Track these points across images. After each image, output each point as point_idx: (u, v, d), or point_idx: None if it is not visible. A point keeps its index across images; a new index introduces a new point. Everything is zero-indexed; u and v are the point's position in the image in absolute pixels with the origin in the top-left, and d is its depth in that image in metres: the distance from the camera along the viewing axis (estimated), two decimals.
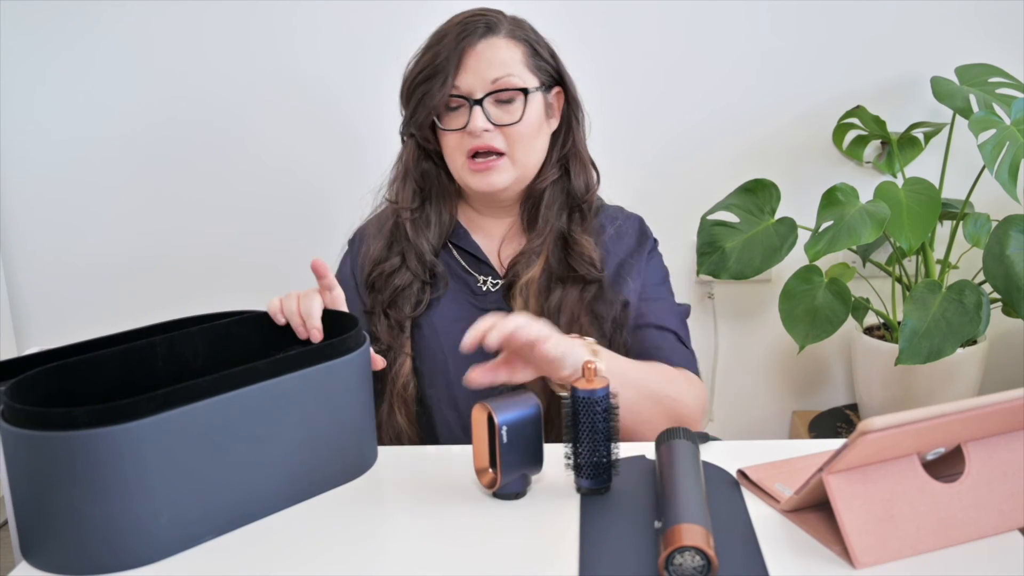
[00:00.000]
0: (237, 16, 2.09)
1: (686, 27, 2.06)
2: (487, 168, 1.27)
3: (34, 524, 0.85)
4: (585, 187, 1.34)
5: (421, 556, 0.87)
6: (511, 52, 1.27)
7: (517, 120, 1.26)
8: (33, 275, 2.26)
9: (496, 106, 1.26)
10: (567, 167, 1.34)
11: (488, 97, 1.25)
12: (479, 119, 1.24)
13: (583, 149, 1.35)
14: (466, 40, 1.25)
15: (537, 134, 1.29)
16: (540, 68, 1.30)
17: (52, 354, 0.96)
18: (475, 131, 1.24)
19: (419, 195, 1.34)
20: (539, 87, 1.29)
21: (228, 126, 2.15)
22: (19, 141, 2.19)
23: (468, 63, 1.25)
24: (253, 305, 1.12)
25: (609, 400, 0.93)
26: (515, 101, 1.26)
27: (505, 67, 1.25)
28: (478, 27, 1.26)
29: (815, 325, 1.84)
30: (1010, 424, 0.85)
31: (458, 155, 1.28)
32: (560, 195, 1.33)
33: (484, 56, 1.25)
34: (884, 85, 2.06)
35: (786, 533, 0.86)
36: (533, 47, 1.30)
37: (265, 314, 1.07)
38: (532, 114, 1.27)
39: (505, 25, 1.28)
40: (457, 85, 1.25)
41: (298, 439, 0.95)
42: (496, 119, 1.25)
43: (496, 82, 1.25)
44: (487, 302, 1.32)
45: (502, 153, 1.27)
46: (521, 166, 1.29)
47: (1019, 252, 1.69)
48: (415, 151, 1.33)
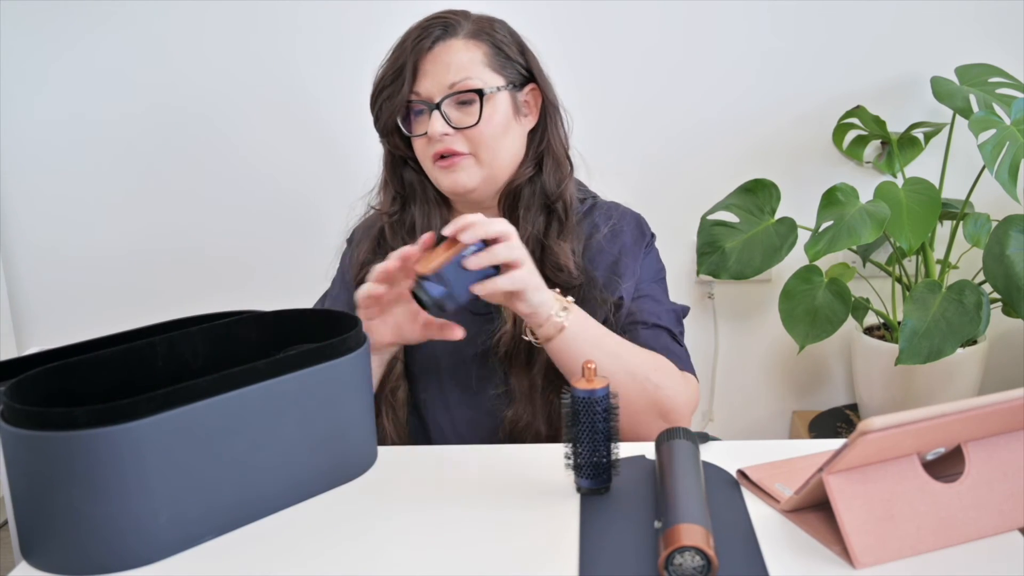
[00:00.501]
0: (237, 16, 2.09)
1: (686, 27, 2.06)
2: (451, 167, 1.26)
3: (34, 524, 0.85)
4: (556, 183, 1.31)
5: (421, 556, 0.87)
6: (469, 53, 1.26)
7: (475, 122, 1.25)
8: (33, 275, 2.26)
9: (456, 108, 1.25)
10: (541, 164, 1.33)
11: (446, 100, 1.24)
12: (437, 123, 1.24)
13: (557, 145, 1.33)
14: (422, 44, 1.25)
15: (504, 134, 1.28)
16: (506, 66, 1.28)
17: (52, 354, 0.96)
18: (434, 135, 1.24)
19: (399, 199, 1.34)
20: (504, 86, 1.27)
21: (227, 126, 2.16)
22: (19, 139, 2.19)
23: (425, 68, 1.25)
24: (251, 304, 1.12)
25: (609, 400, 0.93)
26: (474, 103, 1.25)
27: (462, 69, 1.24)
28: (434, 31, 1.25)
29: (815, 325, 1.84)
30: (1010, 424, 0.85)
31: (427, 159, 1.28)
32: (538, 194, 1.31)
33: (441, 60, 1.24)
34: (884, 85, 2.06)
35: (786, 533, 0.86)
36: (497, 46, 1.28)
37: (265, 314, 1.07)
38: (494, 114, 1.26)
39: (465, 26, 1.27)
40: (416, 91, 1.25)
41: (298, 439, 0.95)
42: (456, 122, 1.25)
43: (453, 85, 1.24)
44: (478, 306, 1.29)
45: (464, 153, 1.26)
46: (488, 166, 1.27)
47: (1019, 252, 1.69)
48: (389, 157, 1.34)
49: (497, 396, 1.28)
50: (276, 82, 2.12)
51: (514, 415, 1.26)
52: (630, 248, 1.34)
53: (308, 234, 2.17)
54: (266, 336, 1.06)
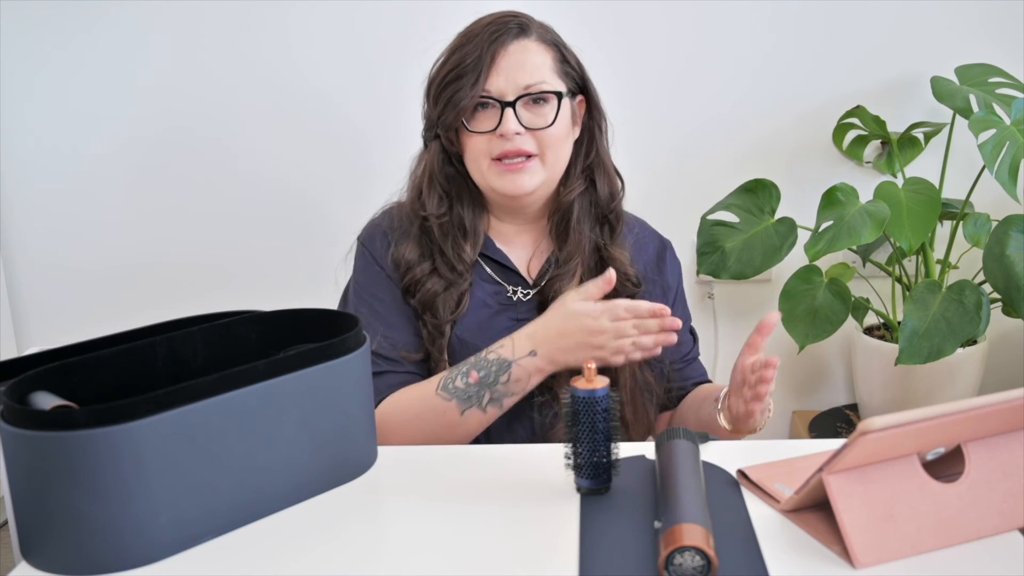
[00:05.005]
0: (235, 20, 2.09)
1: (686, 28, 2.06)
2: (518, 169, 1.24)
3: (34, 524, 0.85)
4: (610, 195, 1.32)
5: (421, 556, 0.87)
6: (542, 56, 1.25)
7: (550, 123, 1.24)
8: (33, 276, 2.26)
9: (528, 109, 1.24)
10: (592, 177, 1.32)
11: (520, 100, 1.23)
12: (511, 122, 1.22)
13: (607, 158, 1.34)
14: (499, 40, 1.23)
15: (566, 139, 1.28)
16: (567, 75, 1.28)
17: (52, 354, 0.96)
18: (507, 133, 1.22)
19: (446, 200, 1.30)
20: (567, 93, 1.27)
21: (226, 131, 2.16)
22: (18, 144, 2.19)
23: (500, 64, 1.23)
24: (252, 305, 1.12)
25: (609, 400, 0.93)
26: (548, 104, 1.24)
27: (537, 70, 1.24)
28: (511, 28, 1.24)
29: (815, 325, 1.84)
30: (1010, 424, 0.85)
31: (483, 158, 1.25)
32: (589, 207, 1.32)
33: (516, 58, 1.23)
34: (884, 85, 2.06)
35: (786, 533, 0.86)
36: (562, 52, 1.28)
37: (265, 314, 1.07)
38: (563, 118, 1.26)
39: (536, 28, 1.27)
40: (488, 87, 1.23)
41: (298, 439, 0.95)
42: (528, 122, 1.23)
43: (529, 87, 1.23)
44: (520, 312, 1.30)
45: (533, 155, 1.24)
46: (551, 169, 1.27)
47: (1019, 252, 1.69)
48: (439, 154, 1.29)
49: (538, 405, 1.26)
50: (279, 84, 2.12)
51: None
52: (654, 264, 1.37)
53: (310, 237, 2.17)
54: (266, 336, 1.06)
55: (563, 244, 1.31)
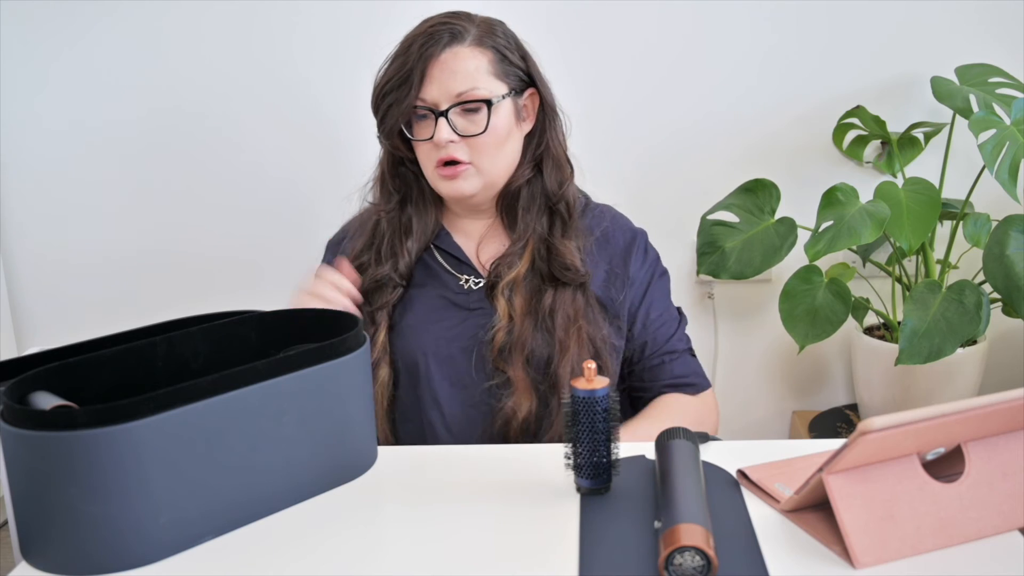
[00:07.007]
0: (236, 18, 2.09)
1: (686, 26, 2.06)
2: (454, 175, 1.28)
3: (34, 524, 0.85)
4: (558, 184, 1.34)
5: (421, 556, 0.87)
6: (476, 61, 1.26)
7: (482, 131, 1.26)
8: (33, 275, 2.26)
9: (462, 116, 1.26)
10: (540, 166, 1.34)
11: (453, 108, 1.25)
12: (444, 131, 1.25)
13: (557, 148, 1.35)
14: (430, 50, 1.25)
15: (505, 141, 1.29)
16: (509, 73, 1.29)
17: (52, 354, 0.96)
18: (440, 142, 1.26)
19: (396, 197, 1.36)
20: (507, 93, 1.28)
21: (228, 126, 2.16)
22: (19, 140, 2.19)
23: (432, 74, 1.25)
24: (250, 304, 1.12)
25: (609, 400, 0.93)
26: (480, 111, 1.26)
27: (470, 78, 1.25)
28: (442, 36, 1.26)
29: (815, 325, 1.84)
30: (1010, 424, 0.85)
31: (429, 164, 1.30)
32: (537, 195, 1.34)
33: (448, 67, 1.25)
34: (884, 85, 2.06)
35: (786, 533, 0.86)
36: (501, 52, 1.29)
37: (265, 314, 1.07)
38: (499, 123, 1.27)
39: (471, 32, 1.27)
40: (423, 96, 1.26)
41: (298, 439, 0.95)
42: (462, 130, 1.26)
43: (460, 95, 1.25)
44: (470, 301, 1.33)
45: (466, 162, 1.28)
46: (487, 174, 1.30)
47: (1019, 252, 1.69)
48: (389, 157, 1.35)
49: (490, 389, 1.28)
50: (277, 83, 2.12)
51: (514, 404, 1.26)
52: (623, 256, 1.36)
53: (309, 234, 2.17)
54: (266, 336, 1.06)
55: (512, 230, 1.35)
